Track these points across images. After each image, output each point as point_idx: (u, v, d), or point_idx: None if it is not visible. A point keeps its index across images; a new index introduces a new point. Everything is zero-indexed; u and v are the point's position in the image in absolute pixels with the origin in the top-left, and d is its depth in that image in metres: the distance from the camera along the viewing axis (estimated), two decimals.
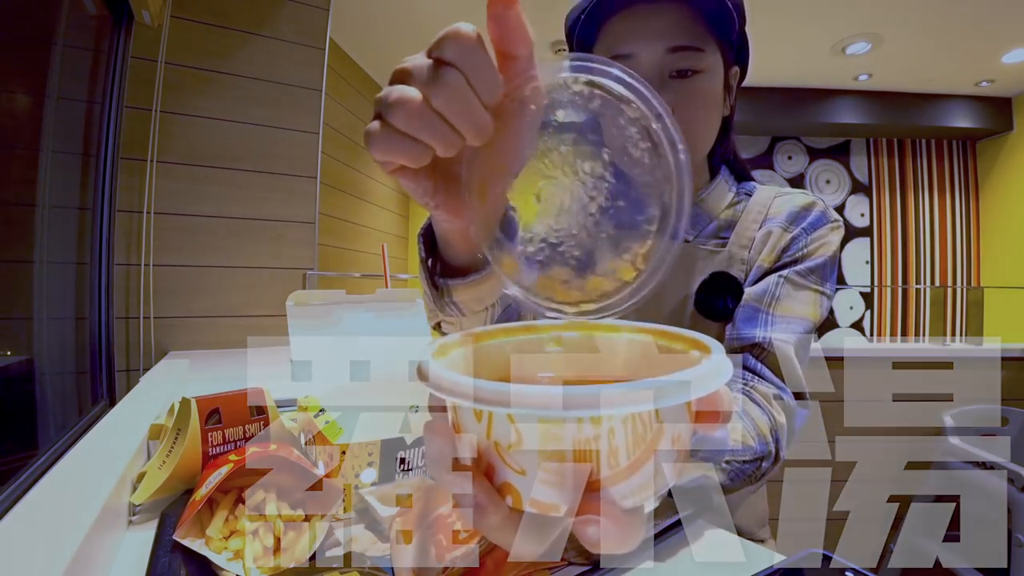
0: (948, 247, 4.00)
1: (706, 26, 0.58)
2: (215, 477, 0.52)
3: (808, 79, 3.50)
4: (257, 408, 0.68)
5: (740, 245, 0.65)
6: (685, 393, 0.19)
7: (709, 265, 0.65)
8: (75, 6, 1.33)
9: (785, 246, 0.62)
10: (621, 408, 0.18)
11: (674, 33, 0.57)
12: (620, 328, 0.28)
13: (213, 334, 1.76)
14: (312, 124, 1.92)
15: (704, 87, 0.59)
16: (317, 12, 1.93)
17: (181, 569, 0.46)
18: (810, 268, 0.61)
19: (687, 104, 0.58)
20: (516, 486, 0.20)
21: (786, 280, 0.60)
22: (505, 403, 0.18)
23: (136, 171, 1.63)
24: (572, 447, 0.19)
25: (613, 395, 0.18)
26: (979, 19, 2.65)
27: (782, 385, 0.57)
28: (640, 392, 0.18)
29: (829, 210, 0.64)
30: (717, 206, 0.68)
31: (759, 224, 0.65)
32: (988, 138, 3.81)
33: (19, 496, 0.52)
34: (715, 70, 0.60)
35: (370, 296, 0.79)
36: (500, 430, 0.20)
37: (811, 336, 0.61)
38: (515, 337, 0.28)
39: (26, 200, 1.13)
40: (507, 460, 0.20)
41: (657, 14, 0.57)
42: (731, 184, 0.70)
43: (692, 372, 0.20)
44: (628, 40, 0.59)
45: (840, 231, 0.64)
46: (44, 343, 1.19)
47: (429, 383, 0.21)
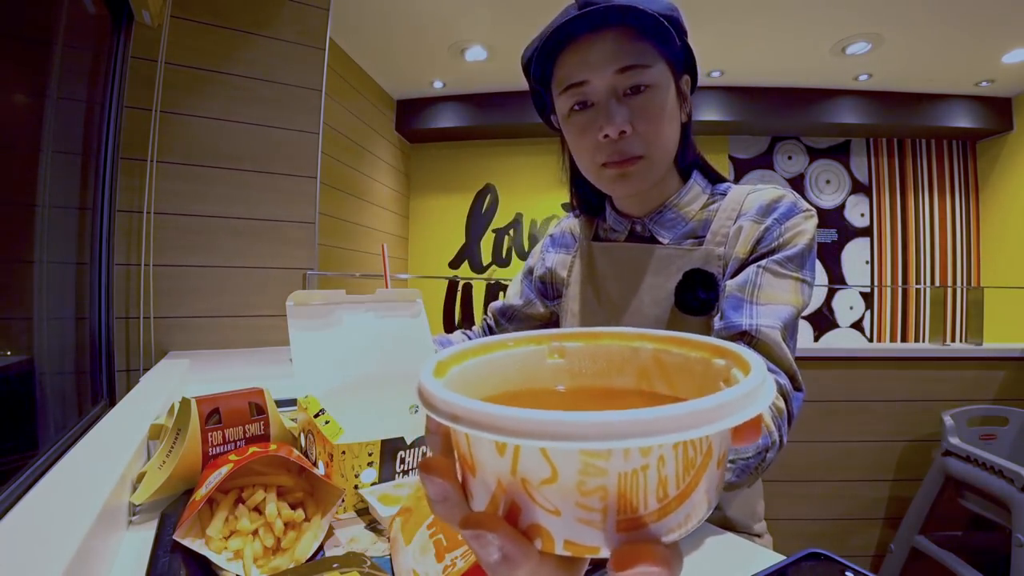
0: (948, 247, 4.00)
1: (648, 43, 0.62)
2: (215, 477, 0.52)
3: (808, 79, 3.50)
4: (257, 408, 0.68)
5: (715, 242, 0.67)
6: (751, 408, 0.17)
7: (687, 263, 0.68)
8: (75, 6, 1.33)
9: (759, 237, 0.64)
10: (685, 434, 0.15)
11: (619, 56, 0.62)
12: (623, 336, 0.26)
13: (213, 334, 1.76)
14: (312, 124, 1.92)
15: (657, 100, 0.64)
16: (317, 12, 1.93)
17: (181, 569, 0.46)
18: (788, 257, 0.62)
19: (644, 116, 0.63)
20: (548, 527, 0.18)
21: (765, 269, 0.62)
22: (543, 435, 0.15)
23: (136, 171, 1.63)
24: (617, 480, 0.16)
25: (674, 419, 0.15)
26: (979, 19, 2.65)
27: (776, 369, 0.58)
28: (705, 413, 0.16)
29: (800, 200, 0.66)
30: (691, 208, 0.71)
31: (733, 220, 0.67)
32: (988, 138, 3.81)
33: (19, 496, 0.52)
34: (665, 82, 0.64)
35: (370, 296, 0.78)
36: (530, 464, 0.17)
37: (796, 322, 0.62)
38: (514, 349, 0.26)
39: (26, 200, 1.13)
40: (537, 498, 0.17)
41: (601, 41, 0.62)
42: (705, 187, 0.73)
43: (747, 386, 0.17)
44: (579, 70, 0.64)
45: (813, 219, 0.65)
46: (44, 343, 1.19)
47: (439, 412, 0.18)
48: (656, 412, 0.15)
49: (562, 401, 0.25)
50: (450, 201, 4.30)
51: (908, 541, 1.88)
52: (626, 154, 0.64)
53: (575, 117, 0.67)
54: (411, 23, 2.86)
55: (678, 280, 0.68)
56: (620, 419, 0.15)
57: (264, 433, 0.68)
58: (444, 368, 0.23)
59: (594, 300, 0.77)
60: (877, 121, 3.66)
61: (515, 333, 0.27)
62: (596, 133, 0.64)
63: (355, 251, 3.20)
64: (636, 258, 0.73)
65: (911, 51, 3.03)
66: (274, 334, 1.85)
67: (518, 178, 4.22)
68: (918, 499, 1.89)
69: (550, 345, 0.26)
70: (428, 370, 0.21)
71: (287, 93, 1.88)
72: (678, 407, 0.15)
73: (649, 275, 0.71)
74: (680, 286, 0.67)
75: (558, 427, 0.15)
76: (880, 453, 2.03)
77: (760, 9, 2.67)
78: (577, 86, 0.64)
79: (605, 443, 0.15)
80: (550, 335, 0.27)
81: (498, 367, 0.25)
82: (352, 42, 3.03)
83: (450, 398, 0.17)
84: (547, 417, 0.15)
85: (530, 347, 0.26)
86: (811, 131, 3.92)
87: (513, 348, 0.26)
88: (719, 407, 0.16)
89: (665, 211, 0.71)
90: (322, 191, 1.96)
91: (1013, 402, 1.97)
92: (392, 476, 0.63)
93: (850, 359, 2.02)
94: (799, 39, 2.98)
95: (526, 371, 0.26)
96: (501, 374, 0.25)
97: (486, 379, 0.24)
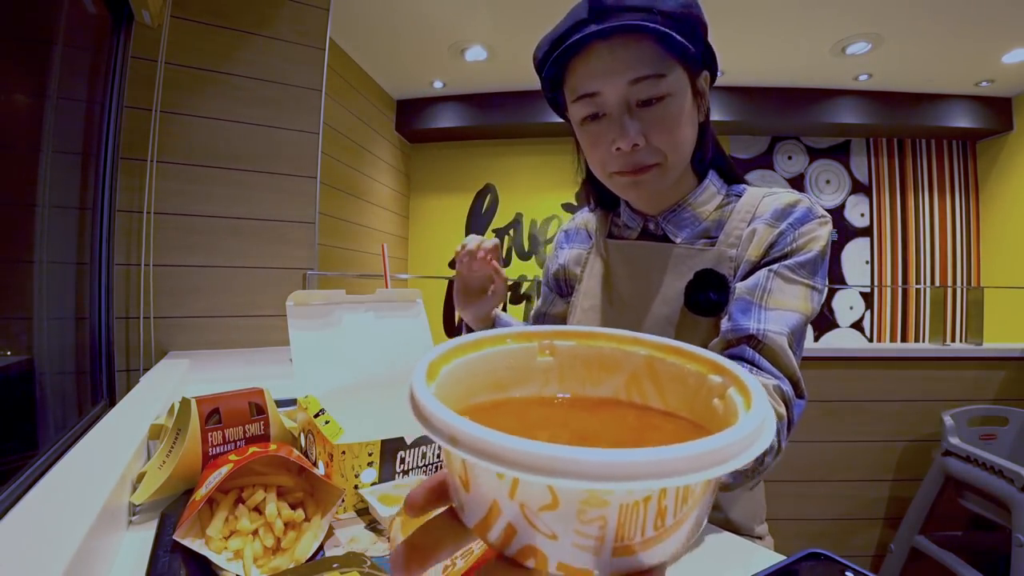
0: (948, 247, 4.00)
1: (665, 50, 0.60)
2: (215, 477, 0.52)
3: (808, 79, 3.50)
4: (257, 408, 0.68)
5: (728, 244, 0.66)
6: (756, 447, 0.17)
7: (698, 263, 0.67)
8: (75, 6, 1.33)
9: (772, 241, 0.63)
10: (691, 477, 0.15)
11: (633, 67, 0.59)
12: (618, 339, 0.26)
13: (213, 334, 1.76)
14: (312, 124, 1.92)
15: (673, 109, 0.61)
16: (317, 12, 1.93)
17: (181, 569, 0.46)
18: (800, 263, 0.62)
19: (658, 128, 0.62)
20: (543, 550, 0.18)
21: (776, 274, 0.61)
22: (552, 472, 0.15)
23: (136, 171, 1.63)
24: (618, 511, 0.16)
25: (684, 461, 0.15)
26: (979, 19, 2.65)
27: (780, 375, 0.58)
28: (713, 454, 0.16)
29: (815, 207, 0.65)
30: (706, 209, 0.70)
31: (747, 223, 0.66)
32: (988, 138, 3.81)
33: (19, 496, 0.52)
34: (681, 89, 0.62)
35: (370, 296, 0.78)
36: (531, 491, 0.17)
37: (804, 329, 0.62)
38: (506, 346, 0.25)
39: (26, 200, 1.13)
40: (535, 523, 0.17)
41: (614, 50, 0.60)
42: (720, 187, 0.72)
43: (751, 422, 0.17)
44: (591, 80, 0.62)
45: (828, 226, 0.64)
46: (44, 343, 1.19)
47: (436, 432, 0.17)
48: (666, 454, 0.15)
49: (553, 415, 0.25)
50: (450, 201, 4.30)
51: (908, 541, 1.88)
52: (639, 164, 0.63)
53: (588, 126, 0.65)
54: (411, 23, 2.86)
55: (689, 280, 0.67)
56: (631, 460, 0.15)
57: (264, 433, 0.68)
58: (435, 369, 0.22)
59: (604, 297, 0.77)
60: (877, 121, 3.66)
61: (509, 328, 0.26)
62: (608, 145, 0.63)
63: (355, 251, 3.20)
64: (648, 257, 0.72)
65: (911, 51, 3.03)
66: (274, 334, 1.85)
67: (518, 178, 4.22)
68: (918, 499, 1.89)
69: (540, 343, 0.26)
70: (420, 374, 0.21)
71: (287, 93, 1.88)
72: (686, 448, 0.15)
73: (660, 274, 0.70)
74: (691, 286, 0.66)
75: (567, 465, 0.15)
76: (880, 453, 2.03)
77: (760, 9, 2.67)
78: (589, 96, 0.63)
79: (611, 484, 0.15)
80: (542, 332, 0.26)
81: (488, 365, 0.25)
82: (352, 42, 3.03)
83: (448, 418, 0.17)
84: (556, 454, 0.15)
85: (522, 344, 0.26)
86: (811, 131, 3.92)
87: (507, 345, 0.25)
88: (726, 447, 0.16)
89: (680, 210, 0.70)
90: (322, 191, 1.96)
91: (1013, 402, 1.97)
92: (392, 476, 0.63)
93: (850, 359, 2.02)
94: (799, 39, 2.98)
95: (516, 370, 0.25)
96: (491, 373, 0.25)
97: (475, 378, 0.24)
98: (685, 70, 0.62)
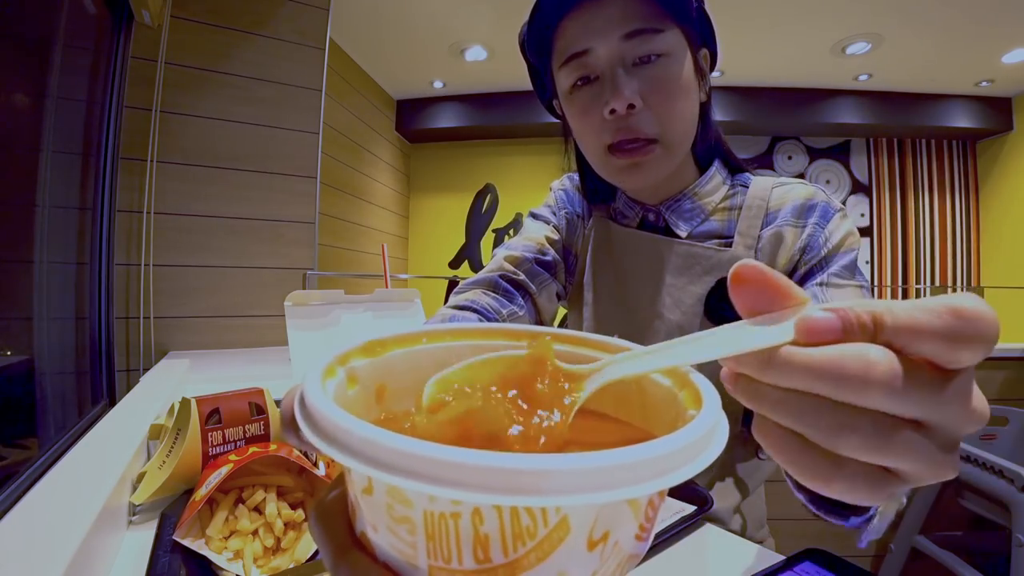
0: (948, 247, 4.00)
1: (659, 7, 0.55)
2: (215, 477, 0.52)
3: (808, 79, 3.50)
4: (257, 408, 0.68)
5: (746, 246, 0.62)
6: (660, 481, 0.14)
7: (715, 267, 0.62)
8: (75, 6, 1.33)
9: (804, 245, 0.60)
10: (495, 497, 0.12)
11: (626, 19, 0.55)
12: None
13: (213, 334, 1.76)
14: (312, 124, 1.92)
15: (671, 71, 0.56)
16: (317, 12, 1.93)
17: (181, 569, 0.46)
18: (844, 267, 0.59)
19: (656, 88, 0.56)
20: (372, 539, 0.17)
21: (828, 286, 0.58)
22: (349, 449, 0.14)
23: (136, 171, 1.63)
24: (422, 517, 0.15)
25: (492, 473, 0.12)
26: (979, 19, 2.65)
27: None
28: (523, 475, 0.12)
29: (831, 199, 0.62)
30: (710, 200, 0.65)
31: (761, 220, 0.63)
32: (988, 138, 3.81)
33: (19, 496, 0.52)
34: (679, 52, 0.57)
35: (369, 296, 0.78)
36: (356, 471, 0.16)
37: None
38: (438, 343, 0.25)
39: (26, 200, 1.13)
40: (362, 505, 0.17)
41: (605, 6, 0.55)
42: (725, 177, 0.68)
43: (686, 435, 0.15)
44: (581, 37, 0.57)
45: (849, 217, 0.61)
46: (44, 343, 1.19)
47: (312, 431, 0.16)
48: (475, 458, 0.12)
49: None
50: (450, 201, 4.30)
51: (908, 541, 1.88)
52: (636, 132, 0.57)
53: (577, 94, 0.59)
54: (411, 23, 2.85)
55: (708, 285, 0.62)
56: (381, 442, 0.13)
57: (264, 433, 0.68)
58: (346, 361, 0.23)
59: (609, 293, 0.71)
60: (877, 121, 3.66)
61: (446, 324, 0.26)
62: (601, 109, 0.57)
63: (355, 251, 3.20)
64: (654, 251, 0.65)
65: (911, 51, 3.03)
66: (274, 334, 1.85)
67: (518, 178, 4.22)
68: (918, 499, 1.89)
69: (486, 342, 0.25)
70: (319, 370, 0.20)
71: (287, 93, 1.88)
72: (511, 460, 0.12)
73: (669, 273, 0.64)
74: (712, 294, 0.61)
75: (362, 446, 0.14)
76: None
77: (760, 9, 2.67)
78: (579, 56, 0.57)
79: (389, 476, 0.13)
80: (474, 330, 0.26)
81: (413, 361, 0.25)
82: (352, 42, 3.03)
83: (328, 411, 0.16)
84: (367, 434, 0.14)
85: (454, 342, 0.25)
86: (811, 131, 3.91)
87: (440, 341, 0.25)
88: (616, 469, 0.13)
89: (683, 199, 0.65)
90: (322, 191, 1.96)
91: (1013, 402, 1.97)
92: None
93: None
94: (799, 39, 2.98)
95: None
96: (419, 369, 0.24)
97: (406, 371, 0.24)
98: (684, 34, 0.58)
